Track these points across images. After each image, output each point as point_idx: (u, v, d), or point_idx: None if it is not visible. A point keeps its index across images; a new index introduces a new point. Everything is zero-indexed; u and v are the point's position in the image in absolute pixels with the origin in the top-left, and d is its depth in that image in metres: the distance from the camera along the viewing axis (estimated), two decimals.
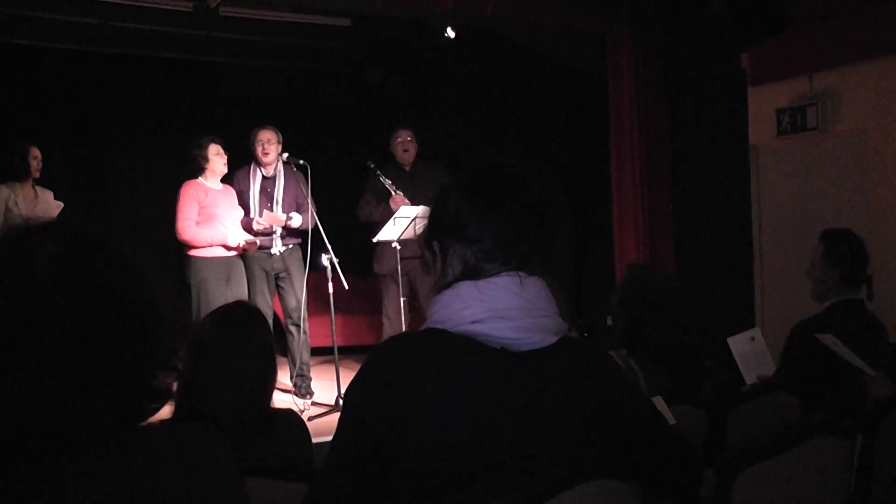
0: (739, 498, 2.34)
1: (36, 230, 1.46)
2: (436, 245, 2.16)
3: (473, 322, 1.98)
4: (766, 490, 2.40)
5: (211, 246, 7.37)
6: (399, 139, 8.20)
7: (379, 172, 7.94)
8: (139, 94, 10.77)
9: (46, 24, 8.57)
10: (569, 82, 9.08)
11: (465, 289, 2.03)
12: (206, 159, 7.45)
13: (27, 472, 1.34)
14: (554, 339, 2.04)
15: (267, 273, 7.69)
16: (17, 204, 7.66)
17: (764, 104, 6.98)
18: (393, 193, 7.84)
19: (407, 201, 7.81)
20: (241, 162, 7.74)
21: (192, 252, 7.33)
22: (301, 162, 7.57)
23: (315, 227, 7.45)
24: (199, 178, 7.49)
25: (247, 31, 9.21)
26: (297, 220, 7.66)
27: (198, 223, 7.30)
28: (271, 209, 7.66)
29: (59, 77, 10.07)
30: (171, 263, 8.94)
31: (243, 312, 3.25)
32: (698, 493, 2.26)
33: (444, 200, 2.15)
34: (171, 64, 10.12)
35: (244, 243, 7.47)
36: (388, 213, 7.64)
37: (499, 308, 1.99)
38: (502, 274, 2.04)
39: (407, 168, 8.21)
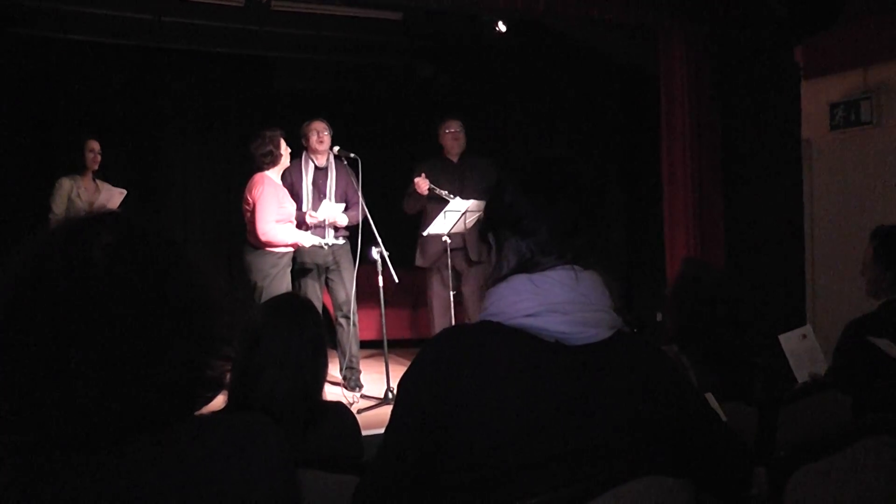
0: (792, 496, 2.33)
1: (92, 221, 1.47)
2: (491, 237, 2.17)
3: (528, 315, 1.98)
4: (820, 489, 2.38)
5: (287, 245, 7.34)
6: (449, 130, 8.15)
7: (431, 186, 7.88)
8: (192, 88, 10.86)
9: (101, 21, 8.67)
10: (620, 77, 9.05)
11: (520, 282, 2.04)
12: (281, 154, 7.37)
13: (84, 461, 1.36)
14: (608, 334, 2.04)
15: (318, 266, 7.68)
16: (79, 196, 7.75)
17: (817, 98, 6.89)
18: (437, 192, 7.80)
19: (427, 183, 7.81)
20: (293, 156, 7.75)
21: (266, 248, 7.22)
22: (352, 155, 7.58)
23: (365, 221, 7.45)
24: (267, 172, 7.34)
25: (298, 25, 9.25)
26: (343, 220, 7.68)
27: (277, 221, 7.19)
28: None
29: (113, 72, 10.16)
30: (224, 254, 9.02)
31: (295, 303, 3.27)
32: (750, 490, 2.25)
33: (500, 193, 2.16)
34: (223, 58, 10.20)
35: (319, 244, 7.48)
36: (431, 206, 7.68)
37: (554, 302, 1.99)
38: (557, 267, 2.04)
39: (455, 160, 8.17)
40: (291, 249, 7.36)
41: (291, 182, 7.65)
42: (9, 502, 1.32)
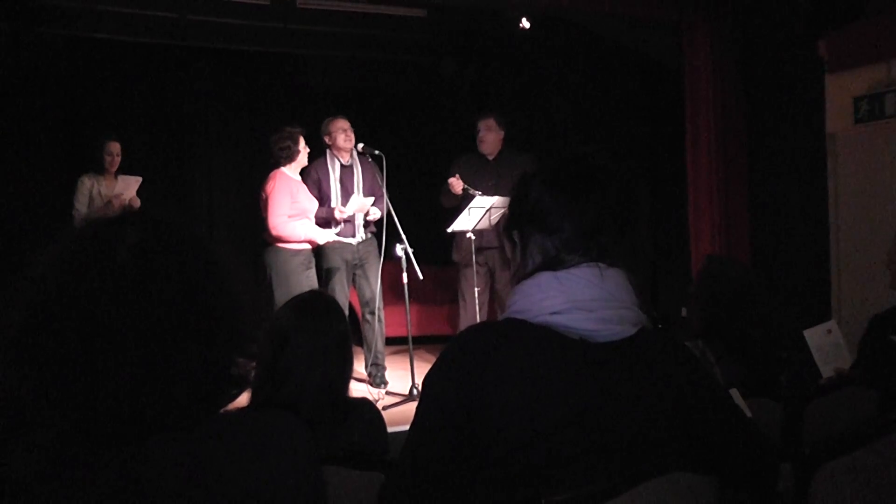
0: (818, 492, 2.32)
1: (116, 220, 1.49)
2: (516, 235, 2.17)
3: (553, 313, 1.99)
4: (846, 485, 2.37)
5: (302, 241, 7.35)
6: (478, 128, 8.12)
7: (465, 186, 7.85)
8: (217, 86, 10.90)
9: (127, 19, 8.72)
10: (644, 72, 9.03)
11: (545, 279, 2.04)
12: (298, 151, 7.39)
13: (110, 457, 1.37)
14: (633, 331, 2.04)
15: (347, 263, 7.67)
16: (100, 193, 7.80)
17: (841, 92, 6.85)
18: (470, 192, 7.78)
19: (460, 184, 7.79)
20: (318, 153, 7.77)
21: (280, 244, 7.27)
22: (377, 152, 7.58)
23: (390, 218, 7.47)
24: (284, 168, 7.39)
25: (323, 22, 9.27)
26: (376, 214, 7.69)
27: (290, 217, 7.24)
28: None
29: (138, 70, 10.20)
30: (248, 252, 9.06)
31: (321, 301, 3.28)
32: (776, 487, 2.24)
33: (526, 190, 2.16)
34: (248, 56, 10.22)
35: (332, 241, 7.49)
36: (466, 203, 7.67)
37: (579, 299, 1.99)
38: (582, 265, 2.04)
39: (490, 158, 8.12)
40: (307, 247, 7.39)
41: (319, 181, 7.67)
42: (38, 496, 1.34)
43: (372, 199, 7.65)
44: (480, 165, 8.08)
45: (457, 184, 7.78)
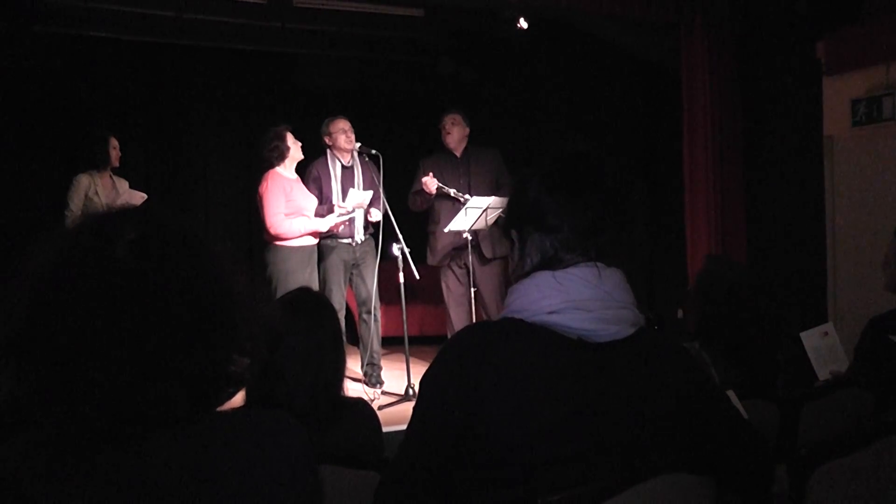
0: (814, 494, 2.32)
1: (115, 217, 1.48)
2: (514, 234, 2.17)
3: (551, 312, 1.98)
4: (841, 487, 2.37)
5: (303, 235, 7.36)
6: (442, 123, 8.12)
7: (440, 185, 7.85)
8: (213, 85, 10.90)
9: (123, 17, 8.71)
10: (641, 73, 9.03)
11: (543, 279, 2.03)
12: (288, 147, 7.41)
13: (107, 455, 1.38)
14: (631, 331, 2.04)
15: (345, 263, 7.68)
16: (97, 193, 7.77)
17: (839, 94, 6.85)
18: (445, 190, 7.78)
19: (435, 182, 7.78)
20: (315, 152, 7.76)
21: (278, 242, 7.28)
22: (373, 152, 7.59)
23: (386, 218, 7.47)
24: (277, 168, 7.40)
25: (320, 22, 9.26)
26: (377, 215, 7.69)
27: (287, 215, 7.25)
28: None
29: (135, 69, 10.19)
30: (245, 250, 9.06)
31: (312, 299, 3.28)
32: (771, 488, 2.24)
33: (524, 189, 2.15)
34: (244, 55, 10.21)
35: (338, 221, 7.47)
36: (439, 203, 7.74)
37: (577, 299, 1.98)
38: (580, 264, 2.04)
39: (457, 154, 8.09)
40: (307, 244, 7.39)
41: (320, 181, 7.66)
42: (35, 495, 1.33)
43: (370, 192, 7.63)
44: (449, 163, 8.06)
45: (431, 182, 7.75)
